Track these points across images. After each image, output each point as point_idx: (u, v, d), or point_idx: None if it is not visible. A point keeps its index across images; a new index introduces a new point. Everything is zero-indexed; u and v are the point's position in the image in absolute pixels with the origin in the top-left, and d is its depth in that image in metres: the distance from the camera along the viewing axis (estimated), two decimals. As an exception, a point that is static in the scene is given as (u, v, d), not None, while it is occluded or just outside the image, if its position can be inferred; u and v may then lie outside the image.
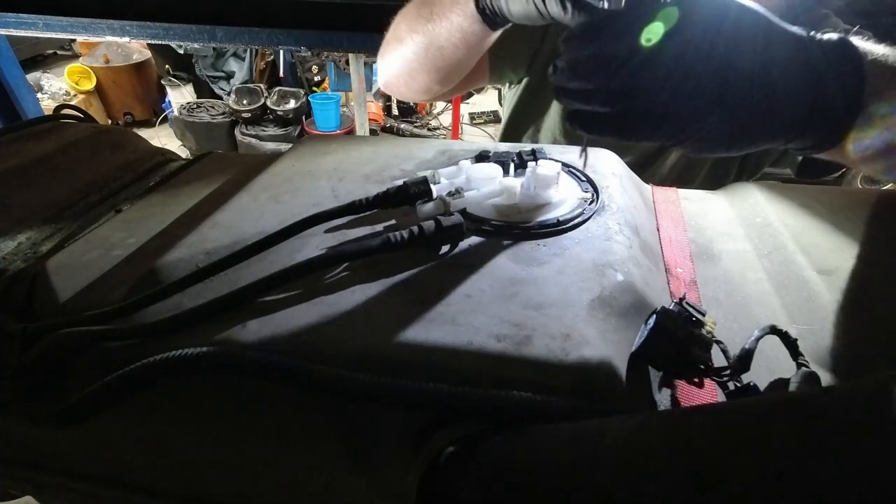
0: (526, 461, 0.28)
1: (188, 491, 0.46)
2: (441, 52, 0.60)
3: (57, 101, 3.29)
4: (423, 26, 0.59)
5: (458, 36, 0.55)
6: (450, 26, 0.55)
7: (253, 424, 0.39)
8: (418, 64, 0.64)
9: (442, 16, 0.56)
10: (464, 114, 3.76)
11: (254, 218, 0.52)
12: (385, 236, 0.43)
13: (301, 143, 0.70)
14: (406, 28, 0.63)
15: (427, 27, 0.59)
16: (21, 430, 0.47)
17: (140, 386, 0.35)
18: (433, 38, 0.59)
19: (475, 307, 0.39)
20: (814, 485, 0.18)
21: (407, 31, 0.63)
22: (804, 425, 0.19)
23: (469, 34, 0.54)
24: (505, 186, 0.49)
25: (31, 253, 0.55)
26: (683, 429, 0.23)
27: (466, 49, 0.58)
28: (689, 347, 0.34)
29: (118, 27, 1.22)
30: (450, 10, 0.54)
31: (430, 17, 0.58)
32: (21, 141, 0.70)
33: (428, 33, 0.59)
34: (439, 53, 0.60)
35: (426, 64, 0.63)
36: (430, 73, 0.65)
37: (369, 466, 0.37)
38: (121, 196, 0.67)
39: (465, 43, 0.56)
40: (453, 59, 0.61)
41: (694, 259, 0.50)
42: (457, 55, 0.59)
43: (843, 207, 0.54)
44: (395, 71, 0.69)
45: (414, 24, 0.61)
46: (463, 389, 0.32)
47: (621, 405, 0.33)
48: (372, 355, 0.36)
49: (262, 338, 0.38)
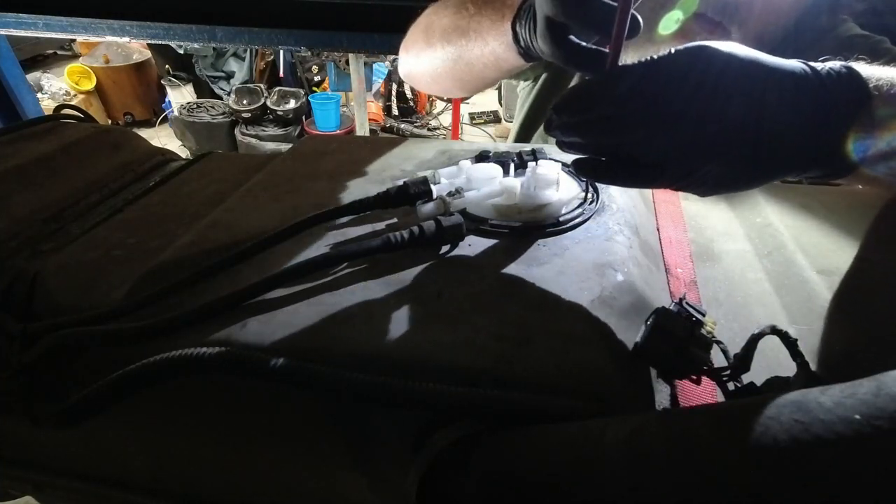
0: (526, 461, 0.28)
1: (188, 491, 0.46)
2: (470, 68, 0.61)
3: (57, 101, 3.29)
4: (458, 40, 0.60)
5: (491, 59, 0.56)
6: (484, 48, 0.56)
7: (253, 424, 0.39)
8: (445, 71, 0.65)
9: (479, 36, 0.56)
10: (464, 114, 3.75)
11: (254, 218, 0.52)
12: (385, 236, 0.43)
13: (301, 143, 0.71)
14: (440, 35, 0.64)
15: (461, 41, 0.60)
16: (21, 430, 0.47)
17: (140, 386, 0.35)
18: (465, 53, 0.60)
19: (475, 307, 0.39)
20: (814, 485, 0.18)
21: (440, 38, 0.64)
22: (804, 425, 0.19)
23: (503, 60, 0.55)
24: (505, 186, 0.49)
25: (31, 253, 0.55)
26: (683, 429, 0.23)
27: (497, 72, 0.59)
28: (689, 347, 0.34)
29: (118, 27, 1.22)
30: (487, 33, 0.55)
31: (466, 31, 0.59)
32: (21, 141, 0.70)
33: (461, 48, 0.60)
34: (468, 69, 0.61)
35: (453, 74, 0.64)
36: (454, 82, 0.66)
37: (369, 466, 0.37)
38: (121, 196, 0.67)
39: (496, 67, 0.57)
40: (481, 76, 0.62)
41: (694, 259, 0.50)
42: (485, 73, 0.60)
43: (843, 207, 0.54)
44: (420, 69, 0.70)
45: (449, 33, 0.62)
46: (463, 389, 0.32)
47: (621, 405, 0.33)
48: (372, 355, 0.36)
49: (262, 338, 0.38)
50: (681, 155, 0.34)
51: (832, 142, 0.34)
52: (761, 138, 0.33)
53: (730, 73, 0.33)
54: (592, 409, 0.31)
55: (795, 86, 0.34)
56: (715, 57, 0.33)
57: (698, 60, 0.33)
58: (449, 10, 0.63)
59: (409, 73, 0.74)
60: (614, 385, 0.34)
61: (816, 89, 0.34)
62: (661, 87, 0.33)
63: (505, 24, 0.50)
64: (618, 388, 0.33)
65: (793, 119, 0.33)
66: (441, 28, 0.64)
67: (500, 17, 0.51)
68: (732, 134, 0.33)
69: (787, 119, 0.33)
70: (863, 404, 0.18)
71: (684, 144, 0.34)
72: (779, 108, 0.33)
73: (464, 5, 0.60)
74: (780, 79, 0.34)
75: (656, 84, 0.34)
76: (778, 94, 0.33)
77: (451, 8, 0.63)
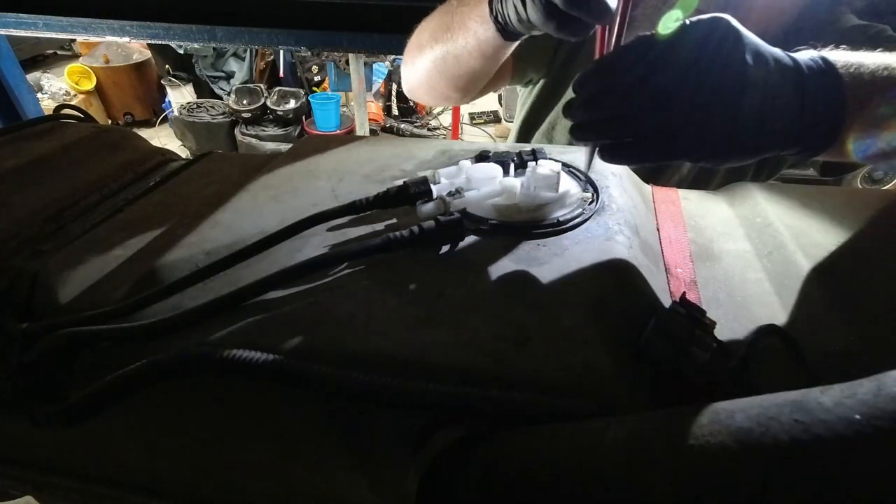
0: (526, 461, 0.28)
1: (188, 491, 0.46)
2: (458, 61, 0.61)
3: (57, 101, 3.29)
4: (444, 35, 0.61)
5: (473, 44, 0.57)
6: (466, 34, 0.57)
7: (253, 424, 0.39)
8: (437, 72, 0.66)
9: (461, 25, 0.58)
10: (464, 114, 3.76)
11: (254, 218, 0.52)
12: (385, 236, 0.43)
13: (301, 143, 0.70)
14: (428, 36, 0.65)
15: (446, 35, 0.61)
16: (21, 430, 0.47)
17: (140, 386, 0.35)
18: (451, 47, 0.61)
19: (475, 307, 0.39)
20: (815, 485, 0.18)
21: (428, 39, 0.65)
22: (804, 425, 0.19)
23: (483, 42, 0.55)
24: (505, 186, 0.49)
25: (31, 253, 0.55)
26: (683, 429, 0.23)
27: (482, 59, 0.59)
28: (689, 347, 0.34)
29: (118, 27, 1.22)
30: (469, 18, 0.56)
31: (450, 25, 0.60)
32: (21, 141, 0.70)
33: (448, 42, 0.61)
34: (456, 62, 0.62)
35: (444, 72, 0.65)
36: (447, 81, 0.67)
37: (369, 466, 0.37)
38: (121, 196, 0.67)
39: (480, 51, 0.57)
40: (469, 68, 0.62)
41: (694, 259, 0.50)
42: (472, 64, 0.60)
43: (843, 207, 0.54)
44: (417, 79, 0.71)
45: (437, 33, 0.63)
46: (463, 389, 0.32)
47: (621, 405, 0.33)
48: (372, 355, 0.36)
49: (261, 338, 0.38)
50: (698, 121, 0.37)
51: (809, 121, 0.39)
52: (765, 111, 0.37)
53: (743, 46, 0.37)
54: (592, 409, 0.31)
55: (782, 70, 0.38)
56: (730, 29, 0.37)
57: (717, 29, 0.37)
58: (437, 12, 0.66)
59: (410, 87, 0.75)
60: (614, 385, 0.34)
61: (797, 75, 0.39)
62: (685, 53, 0.36)
63: (483, 5, 0.52)
64: (618, 388, 0.33)
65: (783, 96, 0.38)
66: (430, 30, 0.65)
67: (479, 2, 0.53)
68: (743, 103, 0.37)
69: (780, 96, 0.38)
70: (863, 404, 0.18)
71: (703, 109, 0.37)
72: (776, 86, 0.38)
73: (449, 3, 0.62)
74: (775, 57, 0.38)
75: (681, 50, 0.37)
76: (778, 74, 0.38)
77: (439, 10, 0.65)
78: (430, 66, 0.66)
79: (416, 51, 0.69)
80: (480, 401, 0.31)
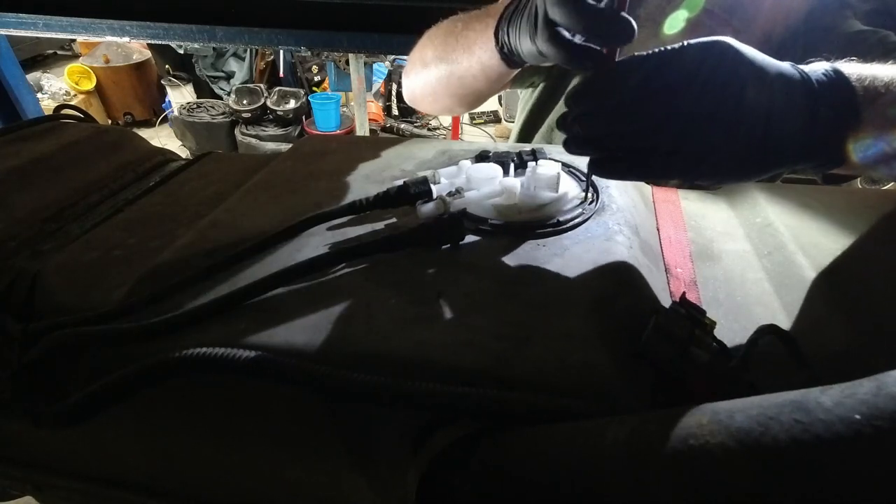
0: (526, 461, 0.28)
1: (188, 491, 0.46)
2: (461, 82, 0.63)
3: (57, 101, 3.29)
4: (449, 55, 0.62)
5: (478, 68, 0.58)
6: (471, 58, 0.58)
7: (253, 424, 0.39)
8: (441, 88, 0.68)
9: (466, 48, 0.58)
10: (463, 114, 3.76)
11: (254, 218, 0.52)
12: (385, 236, 0.43)
13: (301, 143, 0.71)
14: (432, 54, 0.67)
15: (452, 57, 0.62)
16: (21, 430, 0.47)
17: (140, 386, 0.35)
18: (455, 68, 0.62)
19: (475, 307, 0.39)
20: (815, 485, 0.18)
21: (433, 56, 0.67)
22: (804, 425, 0.19)
23: (488, 68, 0.56)
24: (505, 186, 0.49)
25: (31, 253, 0.55)
26: (683, 429, 0.23)
27: (487, 81, 0.60)
28: (689, 347, 0.34)
29: (118, 27, 1.22)
30: (474, 44, 0.57)
31: (455, 47, 0.61)
32: (21, 141, 0.70)
33: (452, 63, 0.62)
34: (460, 83, 0.63)
35: (448, 90, 0.67)
36: (451, 98, 0.69)
37: (369, 466, 0.37)
38: (121, 196, 0.67)
39: (484, 76, 0.58)
40: (473, 89, 0.64)
41: (694, 259, 0.50)
42: (477, 85, 0.62)
43: (843, 207, 0.54)
44: (419, 91, 0.73)
45: (440, 51, 0.65)
46: (463, 389, 0.32)
47: (621, 405, 0.33)
48: (372, 355, 0.36)
49: (261, 337, 0.38)
50: (694, 141, 0.36)
51: (821, 137, 0.37)
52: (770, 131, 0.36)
53: (741, 69, 0.36)
54: (592, 409, 0.31)
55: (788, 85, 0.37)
56: (727, 51, 0.36)
57: (712, 52, 0.36)
58: (441, 31, 0.67)
59: (412, 97, 0.77)
60: (614, 385, 0.33)
61: (807, 91, 0.37)
62: (679, 75, 0.36)
63: (489, 32, 0.52)
64: (618, 388, 0.33)
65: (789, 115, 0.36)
66: (434, 48, 0.67)
67: (485, 28, 0.53)
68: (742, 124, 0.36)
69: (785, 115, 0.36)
70: (863, 404, 0.18)
71: (698, 130, 0.36)
72: (780, 105, 0.36)
73: (454, 24, 0.63)
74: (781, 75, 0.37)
75: (675, 72, 0.36)
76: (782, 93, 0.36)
77: (443, 29, 0.66)
78: (433, 82, 0.68)
79: (419, 66, 0.70)
80: (480, 401, 0.31)
